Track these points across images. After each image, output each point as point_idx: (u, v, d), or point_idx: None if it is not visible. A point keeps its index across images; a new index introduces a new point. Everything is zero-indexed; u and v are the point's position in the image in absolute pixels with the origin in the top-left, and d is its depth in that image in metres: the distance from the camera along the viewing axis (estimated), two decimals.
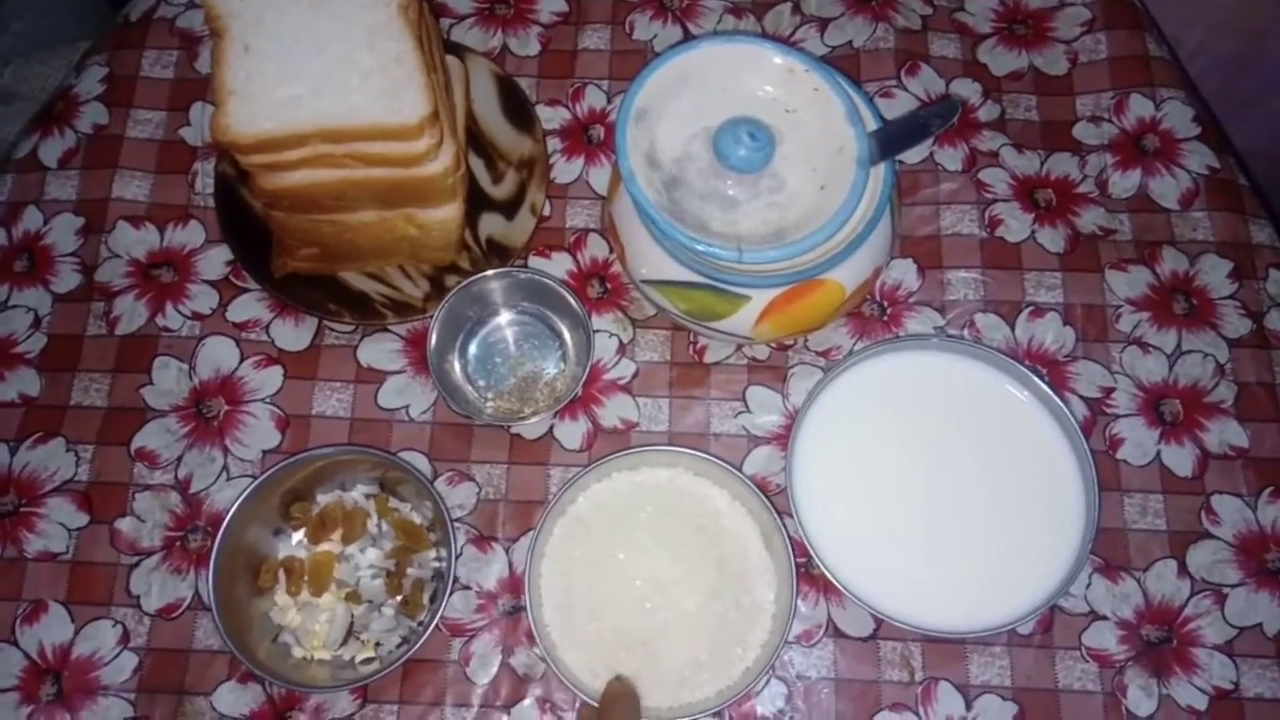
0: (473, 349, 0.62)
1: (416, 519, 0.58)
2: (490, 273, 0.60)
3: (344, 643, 0.55)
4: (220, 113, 0.52)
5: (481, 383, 0.62)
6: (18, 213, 0.66)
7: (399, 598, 0.57)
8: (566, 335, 0.63)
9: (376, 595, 0.56)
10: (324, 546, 0.57)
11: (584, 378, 0.59)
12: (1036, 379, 0.57)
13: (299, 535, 0.58)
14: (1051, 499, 0.56)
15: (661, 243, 0.53)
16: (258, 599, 0.56)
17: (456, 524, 0.59)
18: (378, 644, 0.56)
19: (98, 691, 0.56)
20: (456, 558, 0.56)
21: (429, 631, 0.52)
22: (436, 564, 0.58)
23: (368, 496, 0.58)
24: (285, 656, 0.55)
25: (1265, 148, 0.92)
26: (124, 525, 0.59)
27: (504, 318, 0.63)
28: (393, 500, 0.59)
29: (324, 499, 0.58)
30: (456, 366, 0.62)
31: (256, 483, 0.54)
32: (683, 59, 0.53)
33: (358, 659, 0.55)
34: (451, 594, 0.56)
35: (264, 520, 0.57)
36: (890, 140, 0.52)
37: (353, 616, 0.56)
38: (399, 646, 0.55)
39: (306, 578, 0.56)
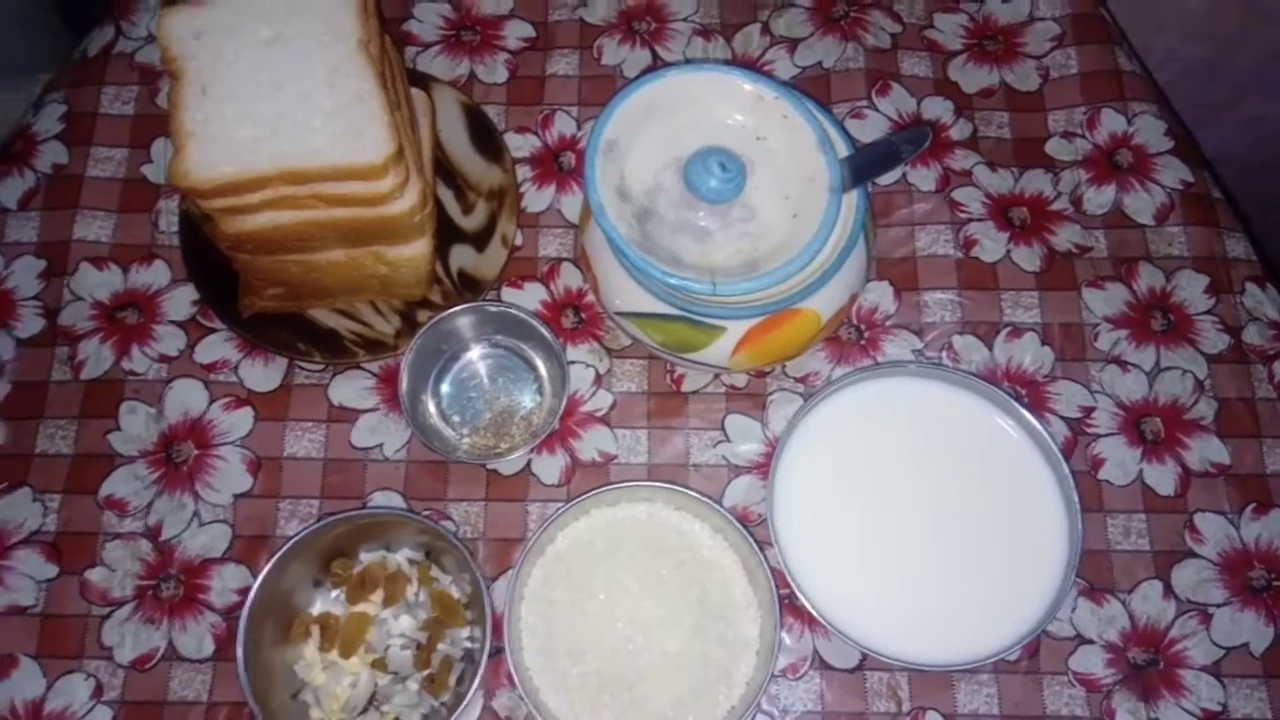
0: (445, 387, 0.61)
1: (454, 593, 0.56)
2: (460, 308, 0.59)
3: (363, 711, 0.53)
4: (178, 157, 0.51)
5: (456, 418, 0.61)
6: None
7: (426, 672, 0.54)
8: (541, 367, 0.62)
9: (404, 667, 0.54)
10: (360, 607, 0.55)
11: (561, 411, 0.58)
12: (1015, 403, 0.56)
13: (337, 592, 0.56)
14: (1034, 524, 0.55)
15: (634, 276, 0.53)
16: (283, 649, 0.54)
17: None
18: (396, 719, 0.53)
19: None
20: (488, 654, 0.51)
21: None
22: (469, 644, 0.55)
23: (412, 562, 0.56)
24: (302, 715, 0.53)
25: (1239, 153, 0.92)
26: (94, 575, 0.58)
27: (476, 352, 0.62)
28: (434, 570, 0.56)
29: (367, 557, 0.56)
30: (430, 405, 0.61)
31: (299, 537, 0.52)
32: (650, 89, 0.52)
33: None
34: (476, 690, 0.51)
35: (304, 569, 0.54)
36: (862, 167, 0.52)
37: (376, 685, 0.54)
38: None
39: (339, 638, 0.54)
